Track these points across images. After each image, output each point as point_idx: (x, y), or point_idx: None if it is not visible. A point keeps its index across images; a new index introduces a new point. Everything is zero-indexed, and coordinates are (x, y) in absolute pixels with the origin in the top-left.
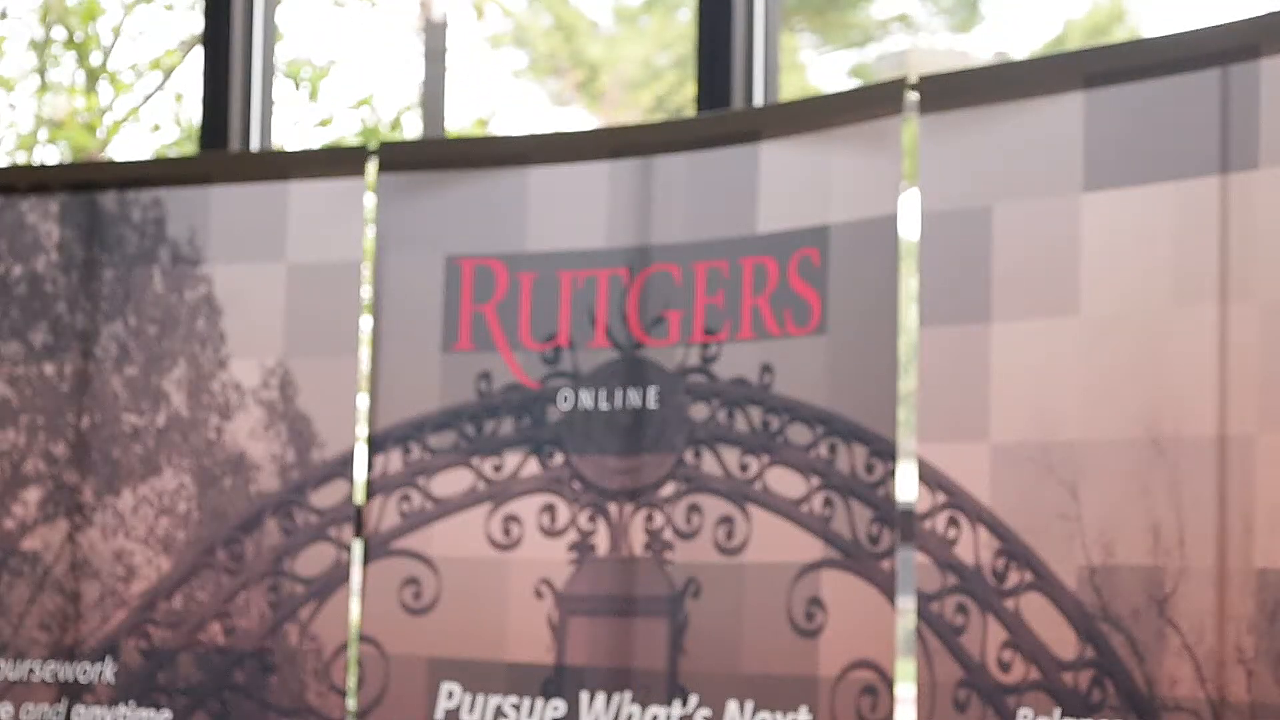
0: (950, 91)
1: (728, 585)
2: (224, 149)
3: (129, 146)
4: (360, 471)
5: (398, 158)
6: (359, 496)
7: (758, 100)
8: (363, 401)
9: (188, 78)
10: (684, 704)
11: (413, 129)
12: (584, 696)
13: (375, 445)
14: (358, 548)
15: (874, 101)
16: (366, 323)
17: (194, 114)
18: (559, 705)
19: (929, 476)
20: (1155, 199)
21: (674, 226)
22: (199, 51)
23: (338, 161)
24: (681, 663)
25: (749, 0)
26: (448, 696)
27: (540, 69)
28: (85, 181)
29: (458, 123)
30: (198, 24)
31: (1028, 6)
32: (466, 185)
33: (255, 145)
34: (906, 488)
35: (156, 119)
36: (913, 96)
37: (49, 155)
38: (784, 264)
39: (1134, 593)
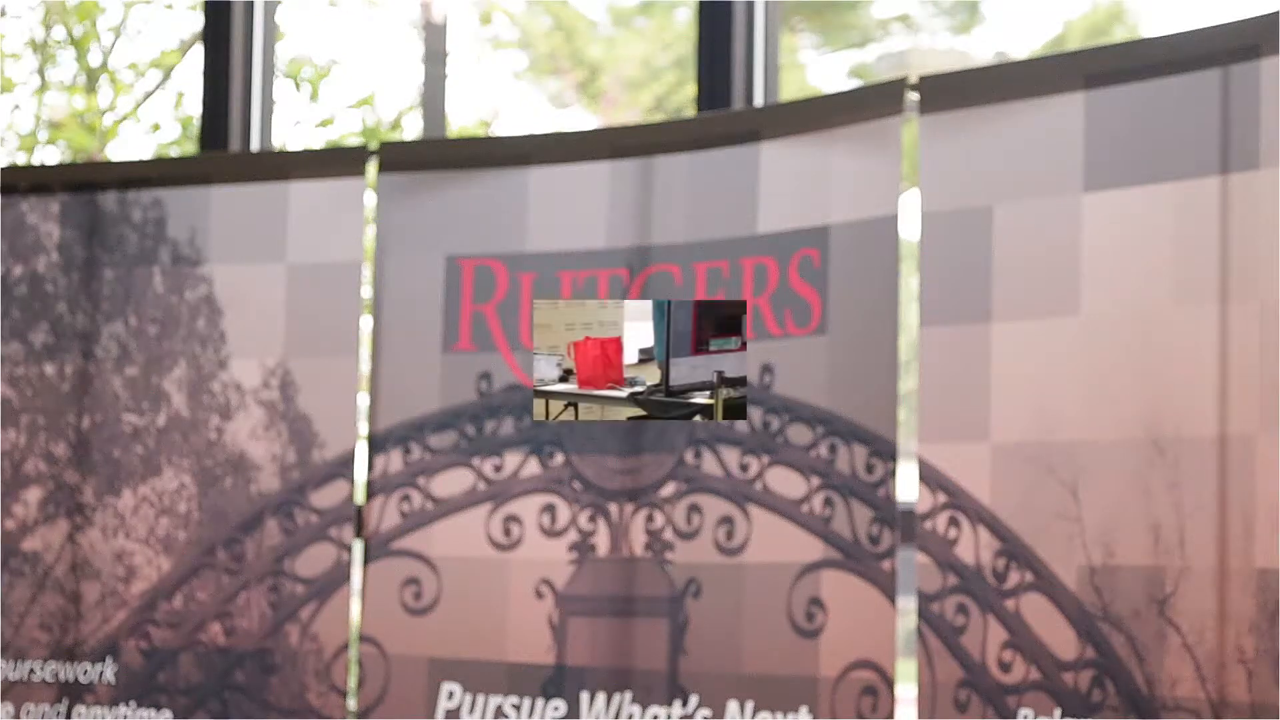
0: (950, 91)
1: (728, 585)
2: (224, 149)
3: (129, 146)
4: (361, 471)
5: (398, 158)
6: (359, 496)
7: (758, 100)
8: (363, 401)
9: (188, 77)
10: (684, 704)
11: (413, 129)
12: (584, 697)
13: (376, 445)
14: (358, 548)
15: (874, 101)
16: (367, 323)
17: (194, 113)
18: (559, 705)
19: (929, 476)
20: (1155, 199)
21: (674, 227)
22: (199, 51)
23: (338, 161)
24: (682, 663)
25: (749, 0)
26: (448, 697)
27: (540, 69)
28: (85, 181)
29: (459, 123)
30: (198, 24)
31: (1028, 6)
32: (466, 185)
33: (255, 145)
34: (907, 488)
35: (156, 119)
36: (913, 96)
37: (49, 155)
38: (784, 264)
39: (1134, 593)
